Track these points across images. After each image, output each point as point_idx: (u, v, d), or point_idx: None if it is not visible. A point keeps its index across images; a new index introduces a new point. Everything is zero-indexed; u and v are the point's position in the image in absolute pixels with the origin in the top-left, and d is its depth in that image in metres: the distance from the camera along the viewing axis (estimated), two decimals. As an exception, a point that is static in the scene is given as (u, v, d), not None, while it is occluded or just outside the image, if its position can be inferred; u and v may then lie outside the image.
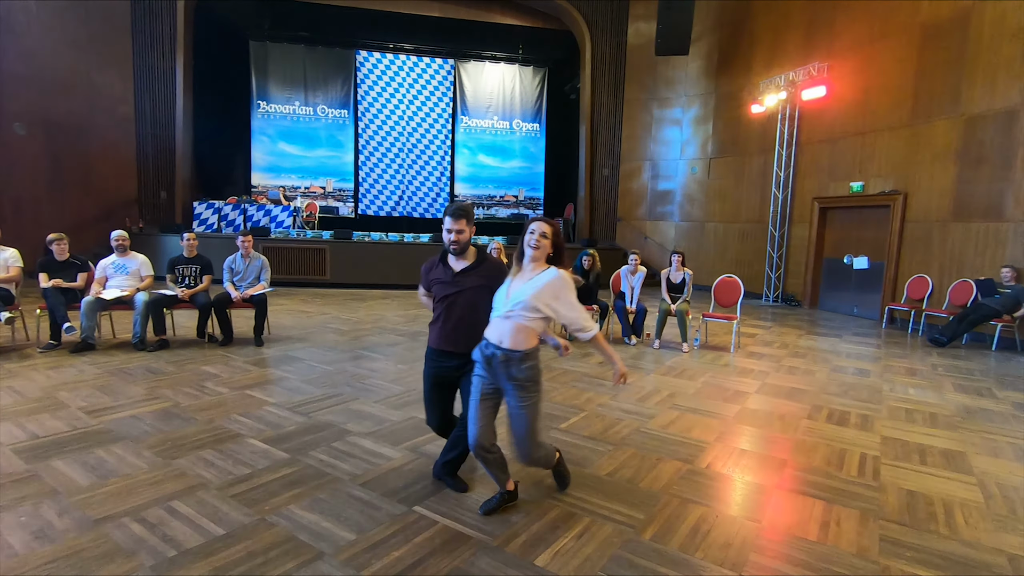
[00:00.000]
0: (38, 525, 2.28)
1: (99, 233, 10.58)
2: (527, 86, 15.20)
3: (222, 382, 4.41)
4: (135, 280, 5.52)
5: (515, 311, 2.33)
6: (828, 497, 2.82)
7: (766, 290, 11.13)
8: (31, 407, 3.67)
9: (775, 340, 7.07)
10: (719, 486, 2.92)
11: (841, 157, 9.71)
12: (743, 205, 11.91)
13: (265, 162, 14.02)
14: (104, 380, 4.34)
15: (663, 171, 13.60)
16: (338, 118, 14.32)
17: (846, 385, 5.02)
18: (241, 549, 2.17)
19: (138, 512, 2.41)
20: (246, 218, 11.77)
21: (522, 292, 2.33)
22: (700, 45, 12.51)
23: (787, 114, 10.52)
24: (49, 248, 5.44)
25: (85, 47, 11.11)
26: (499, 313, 2.38)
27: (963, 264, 7.73)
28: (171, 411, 3.70)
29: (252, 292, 5.74)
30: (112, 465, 2.86)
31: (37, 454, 2.96)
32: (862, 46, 9.24)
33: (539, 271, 2.37)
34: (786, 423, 3.94)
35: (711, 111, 12.59)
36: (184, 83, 12.10)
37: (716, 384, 4.89)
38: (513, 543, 2.29)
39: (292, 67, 13.96)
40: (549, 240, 2.38)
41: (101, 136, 11.47)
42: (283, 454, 3.08)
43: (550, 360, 5.53)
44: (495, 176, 15.36)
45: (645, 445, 3.40)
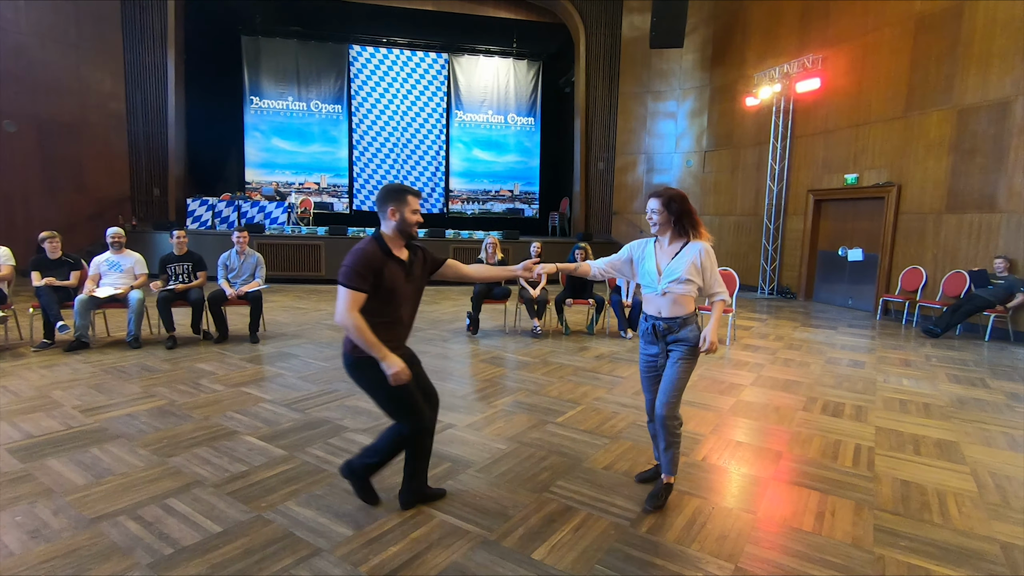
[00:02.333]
0: (34, 525, 2.28)
1: (92, 231, 10.52)
2: (521, 80, 15.14)
3: (218, 379, 4.40)
4: (129, 278, 5.49)
5: (670, 286, 2.49)
6: (823, 488, 2.83)
7: (761, 282, 11.16)
8: (25, 406, 3.65)
9: (770, 332, 7.10)
10: (715, 478, 2.94)
11: (835, 149, 9.72)
12: (738, 198, 11.93)
13: (259, 158, 13.94)
14: (99, 378, 4.32)
15: (658, 164, 13.59)
16: (332, 113, 14.23)
17: (841, 377, 5.05)
18: (238, 546, 2.17)
19: (134, 510, 2.40)
20: (240, 215, 11.71)
21: (672, 270, 2.49)
22: (694, 38, 12.48)
23: (782, 107, 10.52)
24: (41, 246, 5.40)
25: (75, 43, 11.00)
26: (655, 290, 2.54)
27: (956, 255, 7.76)
28: (166, 409, 3.69)
29: (247, 289, 5.71)
30: (108, 464, 2.85)
31: (32, 453, 2.95)
32: (856, 38, 9.24)
33: (678, 244, 2.52)
34: (781, 415, 3.96)
35: (706, 104, 12.58)
36: (176, 79, 11.99)
37: (711, 377, 4.90)
38: (510, 537, 2.30)
39: (285, 62, 13.86)
40: (663, 210, 2.48)
41: (93, 133, 11.37)
42: (280, 451, 3.08)
43: (547, 354, 5.54)
44: (490, 171, 15.32)
45: (641, 438, 3.41)
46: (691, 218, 2.49)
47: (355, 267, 2.19)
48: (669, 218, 2.48)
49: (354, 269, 2.19)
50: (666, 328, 2.54)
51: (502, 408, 3.91)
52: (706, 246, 2.49)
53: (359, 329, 2.18)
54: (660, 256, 2.56)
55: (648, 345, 2.64)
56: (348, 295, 2.18)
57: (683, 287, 2.48)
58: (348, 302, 2.18)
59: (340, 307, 2.19)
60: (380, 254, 2.26)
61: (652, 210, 2.51)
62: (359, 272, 2.19)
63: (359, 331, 2.18)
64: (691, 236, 2.50)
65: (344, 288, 2.19)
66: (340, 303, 2.19)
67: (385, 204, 2.34)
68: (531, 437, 3.39)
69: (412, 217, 2.35)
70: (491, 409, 3.88)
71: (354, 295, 2.18)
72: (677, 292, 2.49)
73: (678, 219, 2.47)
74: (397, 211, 2.32)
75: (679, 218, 2.47)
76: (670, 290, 2.50)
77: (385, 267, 2.26)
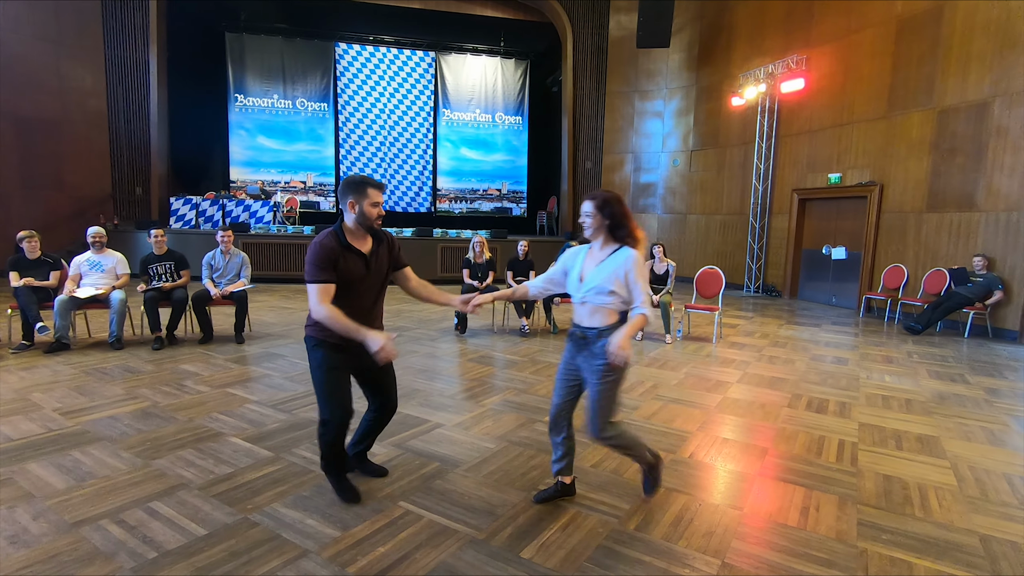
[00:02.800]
0: (12, 530, 2.23)
1: (72, 230, 10.33)
2: (509, 79, 15.14)
3: (202, 380, 4.34)
4: (111, 278, 5.40)
5: (588, 295, 2.33)
6: (808, 483, 2.87)
7: (747, 281, 11.27)
8: (3, 409, 3.58)
9: (756, 330, 7.17)
10: (702, 475, 2.96)
11: (819, 149, 9.84)
12: (724, 197, 12.03)
13: (244, 156, 13.79)
14: (80, 380, 4.25)
15: (645, 163, 13.66)
16: (318, 111, 14.12)
17: (825, 373, 5.11)
18: (224, 549, 2.15)
19: (117, 514, 2.37)
20: (225, 213, 11.58)
21: (593, 277, 2.33)
22: (681, 37, 12.56)
23: (767, 106, 10.63)
24: (20, 246, 5.29)
25: (55, 39, 10.79)
26: (576, 299, 2.40)
27: (937, 254, 7.90)
28: (150, 411, 3.64)
29: (232, 289, 5.65)
30: (89, 467, 2.80)
31: (11, 457, 2.89)
32: (839, 39, 9.36)
33: (608, 250, 2.34)
34: (767, 412, 4.00)
35: (692, 104, 12.67)
36: (158, 76, 11.81)
37: (698, 375, 4.94)
38: (499, 536, 2.30)
39: (270, 60, 13.72)
40: (596, 213, 2.32)
41: (73, 131, 11.17)
42: (266, 452, 3.05)
43: (535, 353, 5.54)
44: (478, 169, 15.30)
45: (629, 436, 3.42)
46: (626, 223, 2.31)
47: (315, 262, 2.26)
48: (603, 222, 2.31)
49: (314, 264, 2.27)
50: (581, 338, 2.37)
51: (490, 407, 3.91)
52: (636, 256, 2.29)
53: (332, 317, 2.26)
54: (587, 262, 2.39)
55: (569, 351, 2.47)
56: (316, 289, 2.26)
57: (602, 299, 2.30)
58: (318, 295, 2.26)
59: (312, 300, 2.29)
60: (337, 246, 2.31)
61: (585, 213, 2.34)
62: (319, 265, 2.26)
63: (333, 319, 2.26)
64: (625, 242, 2.33)
65: (311, 285, 2.27)
66: (311, 299, 2.29)
67: (345, 196, 2.36)
68: (519, 436, 3.39)
69: (372, 210, 2.35)
70: (479, 408, 3.87)
71: (322, 288, 2.26)
72: (594, 303, 2.32)
73: (612, 224, 2.31)
74: (356, 203, 2.34)
75: (613, 223, 2.31)
76: (587, 300, 2.33)
77: (341, 258, 2.31)
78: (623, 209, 2.33)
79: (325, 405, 2.39)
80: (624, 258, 2.29)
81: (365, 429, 2.74)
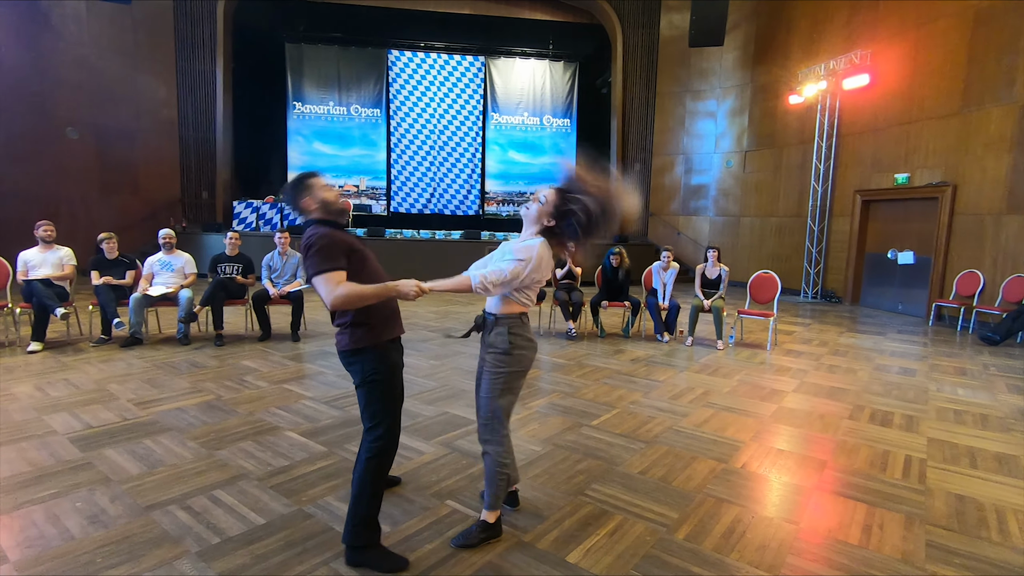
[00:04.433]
0: (93, 511, 2.40)
1: (145, 232, 11.02)
2: (557, 81, 15.11)
3: (261, 376, 4.54)
4: (180, 277, 5.73)
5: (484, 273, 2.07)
6: (871, 500, 2.73)
7: (804, 286, 10.82)
8: (85, 398, 3.86)
9: (814, 338, 6.87)
10: (755, 486, 2.86)
11: (885, 148, 9.34)
12: (780, 199, 11.60)
13: (301, 161, 14.33)
14: (151, 373, 4.52)
15: (697, 165, 13.35)
16: (371, 117, 14.52)
17: (890, 384, 4.84)
18: (281, 538, 2.24)
19: (184, 500, 2.51)
20: (283, 216, 12.08)
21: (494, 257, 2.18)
22: (736, 35, 12.22)
23: (827, 104, 10.18)
24: (100, 247, 5.69)
25: (131, 53, 11.57)
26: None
27: (1018, 259, 7.34)
28: (213, 404, 3.83)
29: (289, 289, 5.88)
30: (160, 455, 2.98)
31: (91, 443, 3.11)
32: (908, 31, 8.86)
33: (527, 234, 2.18)
34: (826, 423, 3.82)
35: (747, 103, 12.29)
36: (224, 86, 12.48)
37: (752, 382, 4.78)
38: (545, 539, 2.29)
39: (326, 68, 14.22)
40: (544, 205, 2.11)
41: (147, 139, 11.94)
42: (320, 447, 3.15)
43: (582, 356, 5.50)
44: (525, 172, 15.34)
45: (678, 443, 3.35)
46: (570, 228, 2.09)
47: (321, 252, 1.96)
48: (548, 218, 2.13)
49: (319, 254, 1.95)
50: (483, 323, 2.21)
51: (536, 410, 3.91)
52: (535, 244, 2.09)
53: (355, 294, 1.95)
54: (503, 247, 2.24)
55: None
56: (326, 278, 1.94)
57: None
58: (331, 283, 1.94)
59: (324, 293, 1.94)
60: (338, 232, 2.06)
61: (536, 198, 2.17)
62: (327, 254, 1.96)
63: (357, 294, 1.96)
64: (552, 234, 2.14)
65: (320, 276, 1.94)
66: (322, 290, 1.95)
67: (297, 199, 2.14)
68: (566, 440, 3.38)
69: (329, 193, 2.14)
70: (525, 411, 3.88)
71: (333, 275, 1.94)
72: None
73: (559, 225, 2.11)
74: (311, 197, 2.11)
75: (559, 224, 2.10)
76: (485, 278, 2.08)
77: (351, 241, 2.08)
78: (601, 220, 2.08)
79: (387, 415, 2.09)
80: (524, 243, 2.11)
81: None
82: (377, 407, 2.10)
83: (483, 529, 2.23)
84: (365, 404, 2.11)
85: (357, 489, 2.06)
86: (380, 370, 2.09)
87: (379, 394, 2.09)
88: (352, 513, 2.07)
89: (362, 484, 2.05)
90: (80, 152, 10.93)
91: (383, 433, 2.08)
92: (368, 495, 2.06)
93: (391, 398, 2.12)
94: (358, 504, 2.05)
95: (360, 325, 2.07)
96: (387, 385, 2.11)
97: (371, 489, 2.06)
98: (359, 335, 2.07)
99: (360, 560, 2.06)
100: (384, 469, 2.10)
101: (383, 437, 2.07)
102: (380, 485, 2.10)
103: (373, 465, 2.06)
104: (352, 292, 1.95)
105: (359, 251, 2.08)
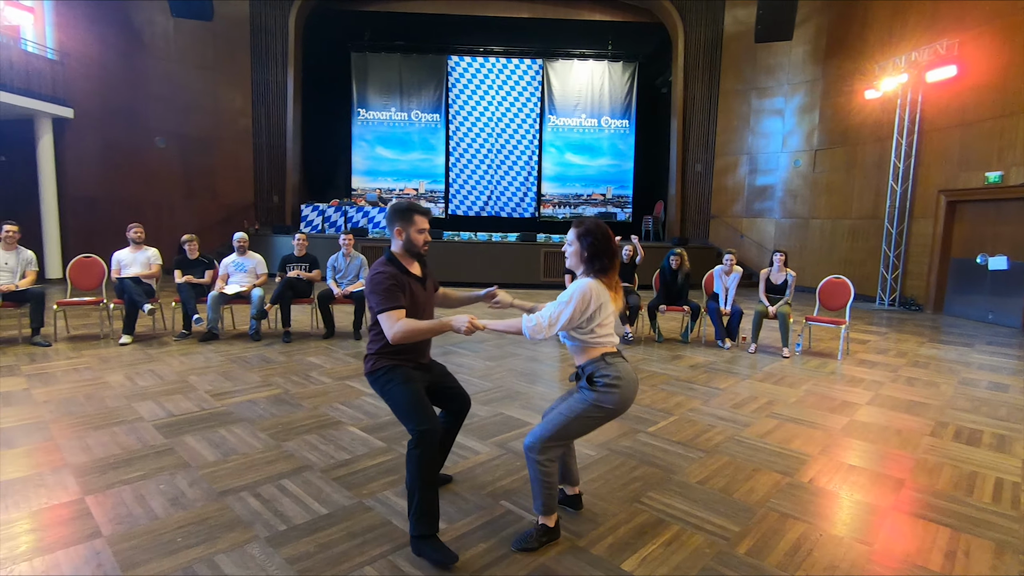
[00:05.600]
0: (174, 493, 2.58)
1: (222, 234, 11.75)
2: (616, 82, 14.93)
3: (325, 372, 4.74)
4: (252, 277, 6.07)
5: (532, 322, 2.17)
6: (955, 524, 2.53)
7: (880, 292, 10.17)
8: (168, 388, 4.15)
9: (891, 347, 6.45)
10: (823, 503, 2.72)
11: (974, 144, 8.64)
12: (854, 200, 10.96)
13: (364, 166, 14.87)
14: (226, 367, 4.81)
15: (762, 165, 12.83)
16: (430, 122, 14.87)
17: (978, 400, 4.47)
18: (342, 529, 2.33)
19: (254, 487, 2.65)
20: (347, 219, 12.55)
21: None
22: (806, 28, 11.66)
23: (908, 98, 9.53)
24: (182, 247, 6.12)
25: (212, 66, 12.39)
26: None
27: None
28: (281, 397, 4.03)
29: (352, 289, 6.11)
30: (233, 444, 3.17)
31: (173, 430, 3.35)
32: (1001, 18, 8.17)
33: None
34: (904, 439, 3.58)
35: (817, 99, 11.69)
36: (294, 95, 13.14)
37: (820, 393, 4.54)
38: (599, 545, 2.27)
39: (389, 75, 14.69)
40: (575, 242, 2.19)
41: (224, 147, 12.74)
42: (379, 442, 3.26)
43: (638, 362, 5.40)
44: (582, 175, 15.25)
45: (740, 454, 3.23)
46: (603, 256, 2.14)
47: (384, 291, 2.23)
48: (581, 252, 2.17)
49: (384, 293, 2.23)
50: (573, 377, 2.27)
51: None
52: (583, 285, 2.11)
53: (413, 329, 2.21)
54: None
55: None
56: (389, 316, 2.22)
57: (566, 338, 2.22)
58: (392, 320, 2.22)
59: (386, 329, 2.22)
60: (400, 273, 2.31)
61: (568, 242, 2.24)
62: (389, 293, 2.23)
63: (414, 330, 2.21)
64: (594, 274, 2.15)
65: (384, 314, 2.22)
66: (385, 326, 2.22)
67: (392, 223, 2.38)
68: (621, 445, 3.33)
69: (419, 237, 2.38)
70: (580, 414, 3.85)
71: (396, 313, 2.22)
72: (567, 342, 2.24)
73: (590, 255, 2.15)
74: (403, 231, 2.36)
75: (591, 254, 2.14)
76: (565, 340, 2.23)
77: (407, 285, 2.32)
78: (607, 244, 2.15)
79: (416, 415, 2.23)
80: (574, 284, 2.14)
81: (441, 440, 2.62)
82: (400, 412, 2.30)
83: (543, 533, 2.23)
84: (394, 411, 2.34)
85: (408, 478, 2.18)
86: (392, 379, 2.32)
87: (396, 401, 2.30)
88: (408, 503, 2.19)
89: (410, 475, 2.17)
90: (166, 160, 11.80)
91: (413, 428, 2.20)
92: (417, 486, 2.14)
93: (406, 401, 2.27)
94: (411, 495, 2.17)
95: (382, 355, 2.35)
96: (399, 391, 2.29)
97: (418, 480, 2.14)
98: (374, 361, 2.36)
99: (419, 549, 2.15)
100: (425, 460, 2.16)
101: (414, 432, 2.20)
102: (426, 476, 2.16)
103: (414, 456, 2.16)
104: (409, 328, 2.20)
105: (414, 293, 2.35)
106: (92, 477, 2.72)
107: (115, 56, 10.86)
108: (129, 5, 11.06)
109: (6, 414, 3.53)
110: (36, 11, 9.68)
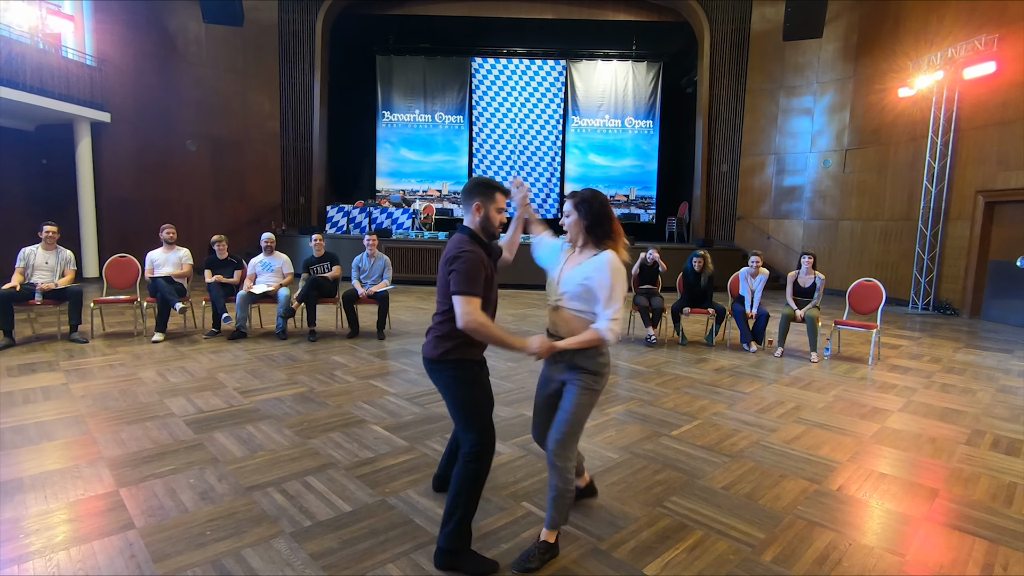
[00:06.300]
0: (203, 487, 2.65)
1: (250, 235, 12.00)
2: (640, 82, 14.81)
3: (350, 371, 4.80)
4: (279, 277, 6.19)
5: (563, 300, 2.13)
6: (992, 536, 2.44)
7: (914, 296, 9.88)
8: (197, 385, 4.26)
9: (924, 353, 6.26)
10: (853, 511, 2.65)
11: (1015, 143, 8.34)
12: (886, 201, 10.67)
13: (388, 168, 15.03)
14: (253, 365, 4.91)
15: (790, 165, 12.58)
16: (454, 124, 14.95)
17: (1018, 409, 4.31)
18: (365, 526, 2.35)
19: (280, 483, 2.70)
20: (371, 220, 12.70)
21: (568, 280, 2.13)
22: (836, 26, 11.40)
23: (944, 96, 9.24)
24: (212, 248, 6.26)
25: (241, 71, 12.67)
26: (551, 303, 2.20)
27: None
28: (307, 395, 4.10)
29: (376, 289, 6.18)
30: (260, 440, 3.23)
31: (202, 426, 3.43)
32: (1045, 12, 7.87)
33: (589, 253, 2.12)
34: (938, 447, 3.47)
35: (848, 98, 11.41)
36: (320, 98, 13.36)
37: (850, 399, 4.43)
38: (621, 548, 2.25)
39: (413, 77, 14.82)
40: (573, 212, 2.12)
41: (252, 149, 13.02)
42: (402, 441, 3.28)
43: (661, 364, 5.35)
44: (606, 175, 15.16)
45: (766, 460, 3.17)
46: (605, 222, 2.09)
47: (471, 273, 2.02)
48: (580, 222, 2.11)
49: (470, 276, 2.02)
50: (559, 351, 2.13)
51: (614, 416, 3.85)
52: (612, 259, 2.05)
53: (487, 332, 2.02)
54: (568, 264, 2.18)
55: (547, 364, 2.29)
56: (469, 301, 2.00)
57: (577, 305, 2.10)
58: (471, 306, 2.01)
59: (461, 312, 2.00)
60: (485, 256, 2.11)
61: (565, 213, 2.17)
62: (474, 277, 2.02)
63: (487, 334, 2.03)
64: (603, 245, 2.09)
65: (464, 296, 2.00)
66: (460, 309, 2.00)
67: (472, 197, 2.16)
68: (644, 449, 3.30)
69: (497, 216, 2.18)
70: (603, 417, 3.83)
71: (475, 301, 2.02)
72: (569, 309, 2.12)
73: (590, 224, 2.09)
74: (483, 207, 2.14)
75: (591, 222, 2.09)
76: (562, 305, 2.13)
77: (488, 266, 2.14)
78: (605, 209, 2.10)
79: (480, 424, 2.10)
80: (597, 263, 2.05)
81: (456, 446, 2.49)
82: (464, 415, 2.13)
83: (545, 550, 2.14)
84: (453, 412, 2.17)
85: (455, 488, 2.07)
86: (461, 380, 2.13)
87: (462, 402, 2.13)
88: (448, 513, 2.07)
89: (459, 485, 2.07)
90: (197, 162, 12.11)
91: (475, 439, 2.08)
92: (464, 499, 2.06)
93: (475, 405, 2.14)
94: (454, 504, 2.06)
95: (450, 339, 2.12)
96: (470, 394, 2.13)
97: (466, 493, 2.06)
98: (446, 348, 2.13)
99: (451, 564, 2.06)
100: (480, 475, 2.09)
101: (476, 444, 2.08)
102: (477, 493, 2.09)
103: (469, 470, 2.07)
104: (485, 329, 2.01)
105: (490, 279, 2.14)
106: (126, 470, 2.80)
107: (150, 61, 11.19)
108: (163, 12, 11.39)
109: (46, 408, 3.66)
110: (76, 19, 10.04)
